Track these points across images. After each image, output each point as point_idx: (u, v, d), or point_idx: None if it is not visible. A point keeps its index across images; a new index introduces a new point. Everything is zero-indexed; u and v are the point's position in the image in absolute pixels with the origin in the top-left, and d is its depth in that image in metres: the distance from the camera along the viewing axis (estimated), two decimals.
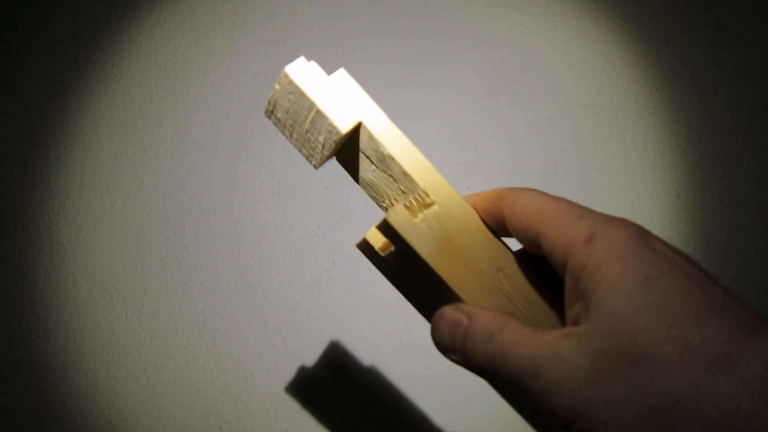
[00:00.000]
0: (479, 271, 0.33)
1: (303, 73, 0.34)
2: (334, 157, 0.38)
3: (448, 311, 0.34)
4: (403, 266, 0.36)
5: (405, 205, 0.36)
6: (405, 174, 0.35)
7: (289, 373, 0.74)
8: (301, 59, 0.35)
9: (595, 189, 0.78)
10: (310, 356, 0.75)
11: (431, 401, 0.73)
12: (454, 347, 0.33)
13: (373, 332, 0.75)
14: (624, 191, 0.78)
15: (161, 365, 0.75)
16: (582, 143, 0.79)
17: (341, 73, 0.36)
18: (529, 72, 0.81)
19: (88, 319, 0.76)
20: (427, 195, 0.34)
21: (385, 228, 0.34)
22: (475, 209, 0.36)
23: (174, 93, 0.81)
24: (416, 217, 0.34)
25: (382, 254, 0.36)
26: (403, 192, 0.36)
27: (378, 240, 0.36)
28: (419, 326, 0.75)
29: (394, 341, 0.75)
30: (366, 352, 0.75)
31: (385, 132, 0.35)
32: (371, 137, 0.34)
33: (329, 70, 0.84)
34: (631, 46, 0.80)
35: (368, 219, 0.77)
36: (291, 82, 0.34)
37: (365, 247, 0.36)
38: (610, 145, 0.79)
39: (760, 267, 0.76)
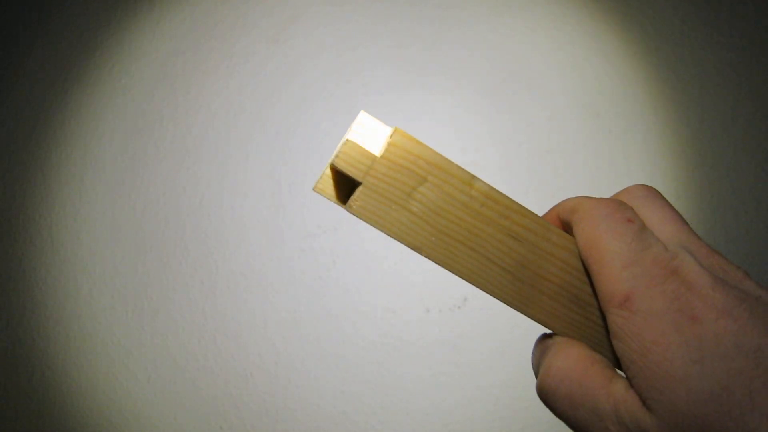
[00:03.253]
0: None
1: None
2: None
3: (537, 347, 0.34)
4: None
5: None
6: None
7: (289, 373, 0.74)
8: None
9: (595, 189, 0.78)
10: (310, 356, 0.75)
11: (431, 400, 0.73)
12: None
13: (373, 332, 0.75)
14: None
15: (162, 365, 0.75)
16: (582, 143, 0.79)
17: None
18: (530, 72, 0.81)
19: (88, 319, 0.76)
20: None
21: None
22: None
23: (174, 93, 0.81)
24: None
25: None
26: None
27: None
28: (419, 326, 0.75)
29: (395, 341, 0.75)
30: (366, 351, 0.75)
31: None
32: None
33: (330, 70, 0.84)
34: (631, 46, 0.80)
35: None
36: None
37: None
38: (610, 145, 0.79)
39: (760, 267, 0.76)
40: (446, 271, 0.31)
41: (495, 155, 0.78)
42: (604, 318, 0.30)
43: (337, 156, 0.30)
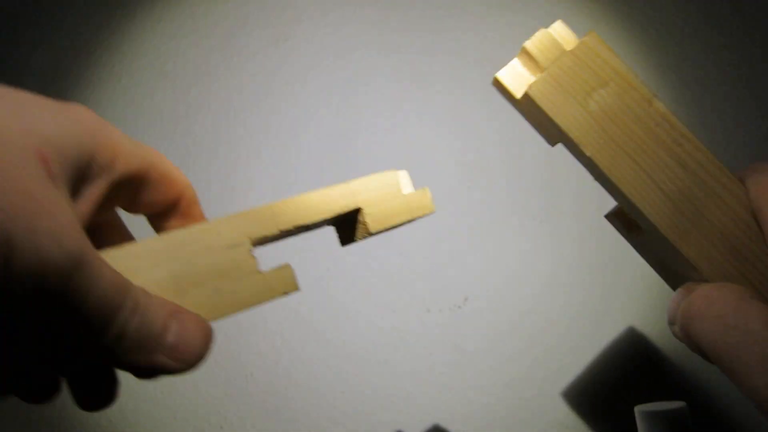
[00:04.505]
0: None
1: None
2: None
3: (689, 287, 0.31)
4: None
5: None
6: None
7: (289, 373, 0.74)
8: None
9: (596, 189, 0.78)
10: (310, 356, 0.75)
11: (431, 401, 0.73)
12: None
13: (373, 332, 0.75)
14: None
15: None
16: None
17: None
18: None
19: None
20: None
21: (617, 215, 0.33)
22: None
23: (174, 92, 0.81)
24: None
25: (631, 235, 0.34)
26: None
27: (622, 218, 0.35)
28: (419, 326, 0.75)
29: (395, 341, 0.75)
30: (366, 351, 0.75)
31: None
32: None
33: (330, 71, 0.84)
34: (631, 46, 0.80)
35: None
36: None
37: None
38: None
39: None
40: (609, 176, 0.30)
41: (495, 155, 0.78)
42: (764, 273, 0.28)
43: (530, 40, 0.32)
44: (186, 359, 0.28)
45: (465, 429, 0.73)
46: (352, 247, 0.78)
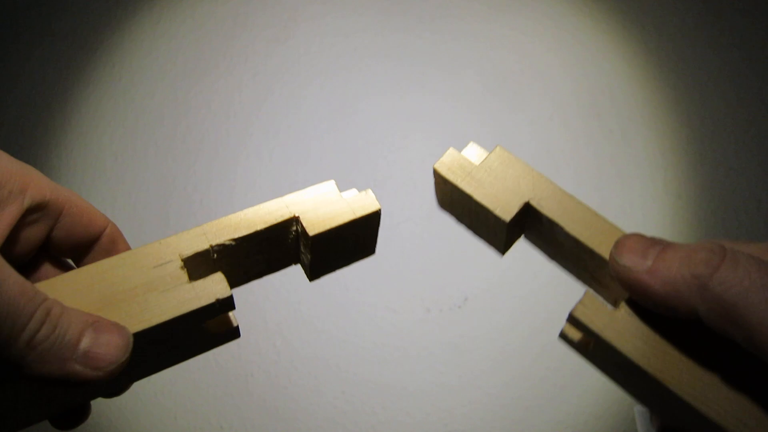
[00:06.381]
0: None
1: (452, 167, 0.32)
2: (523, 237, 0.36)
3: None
4: (610, 361, 0.30)
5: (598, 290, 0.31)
6: (592, 253, 0.30)
7: (289, 373, 0.74)
8: (450, 151, 0.33)
9: (596, 189, 0.78)
10: (310, 356, 0.75)
11: (432, 400, 0.73)
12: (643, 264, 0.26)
13: (373, 332, 0.75)
14: (624, 191, 0.78)
15: None
16: (582, 143, 0.79)
17: (498, 152, 0.33)
18: (529, 72, 0.81)
19: None
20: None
21: (575, 323, 0.29)
22: None
23: (174, 92, 0.81)
24: (616, 304, 0.29)
25: (586, 347, 0.31)
26: (593, 277, 0.31)
27: (575, 333, 0.31)
28: (419, 326, 0.75)
29: (395, 341, 0.75)
30: (366, 351, 0.75)
31: (555, 208, 0.31)
32: (542, 217, 0.31)
33: (331, 71, 0.84)
34: (631, 46, 0.80)
35: None
36: (444, 179, 0.32)
37: (566, 339, 0.32)
38: (610, 145, 0.79)
39: None
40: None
41: None
42: None
43: (441, 160, 0.32)
44: (101, 366, 0.29)
45: (465, 428, 0.73)
46: None
